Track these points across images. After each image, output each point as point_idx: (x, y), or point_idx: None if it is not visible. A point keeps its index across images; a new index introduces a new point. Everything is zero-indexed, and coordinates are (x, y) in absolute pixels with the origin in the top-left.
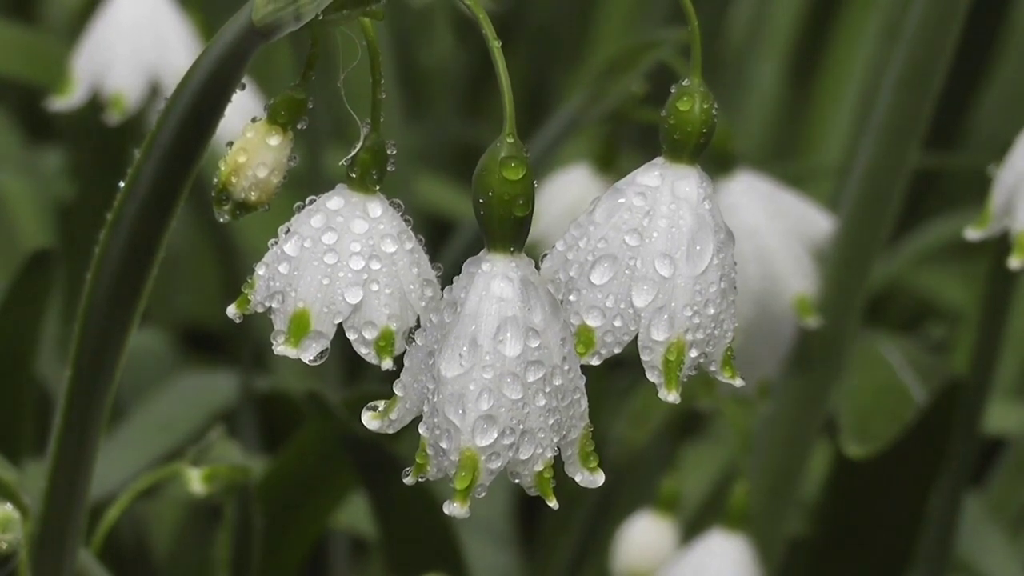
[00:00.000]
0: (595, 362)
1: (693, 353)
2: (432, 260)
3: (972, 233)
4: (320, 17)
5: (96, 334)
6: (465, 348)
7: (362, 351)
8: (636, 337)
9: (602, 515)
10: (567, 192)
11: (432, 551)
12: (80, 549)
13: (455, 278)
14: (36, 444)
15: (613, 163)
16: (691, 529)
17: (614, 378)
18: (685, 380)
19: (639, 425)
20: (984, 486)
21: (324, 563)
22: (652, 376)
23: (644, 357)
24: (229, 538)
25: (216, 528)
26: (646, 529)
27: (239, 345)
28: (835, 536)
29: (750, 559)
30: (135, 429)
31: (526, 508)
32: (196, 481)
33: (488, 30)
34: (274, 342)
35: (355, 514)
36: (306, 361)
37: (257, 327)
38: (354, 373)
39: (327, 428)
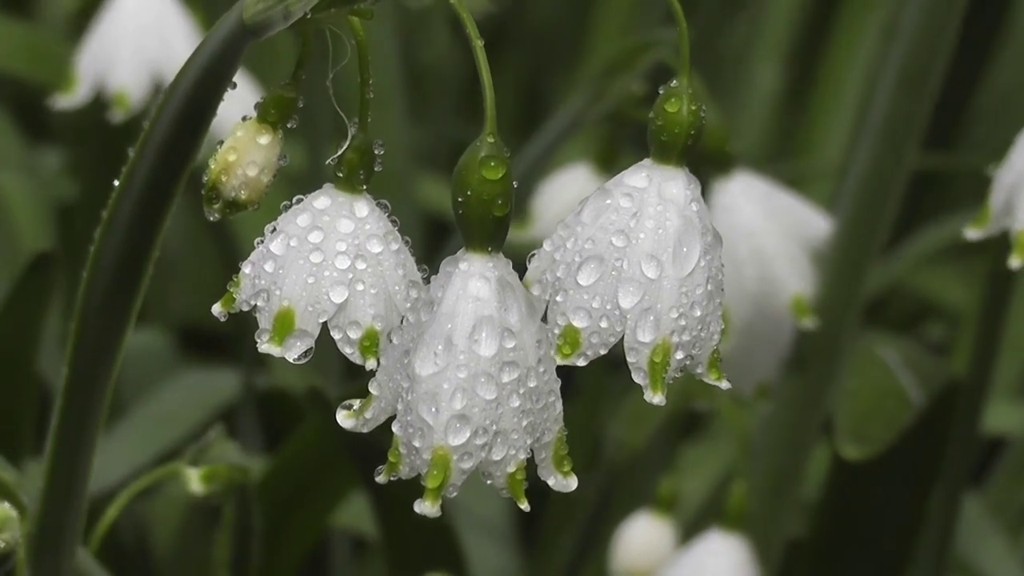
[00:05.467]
0: (581, 363)
1: (679, 355)
2: (431, 260)
3: (972, 233)
4: (309, 15)
5: (93, 333)
6: (440, 347)
7: (346, 351)
8: (622, 338)
9: (601, 515)
10: (567, 192)
11: (432, 550)
12: (79, 548)
13: (432, 277)
14: (36, 443)
15: (613, 163)
16: (690, 529)
17: (613, 378)
18: (672, 382)
19: (638, 425)
20: (983, 487)
21: (324, 563)
22: (638, 378)
23: (630, 359)
24: (229, 538)
25: (216, 528)
26: (645, 529)
27: (239, 345)
28: (834, 537)
29: (749, 559)
30: (135, 425)
31: None
32: (195, 481)
33: (471, 30)
34: (259, 340)
35: (355, 513)
36: (290, 360)
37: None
38: (355, 371)
39: (327, 427)
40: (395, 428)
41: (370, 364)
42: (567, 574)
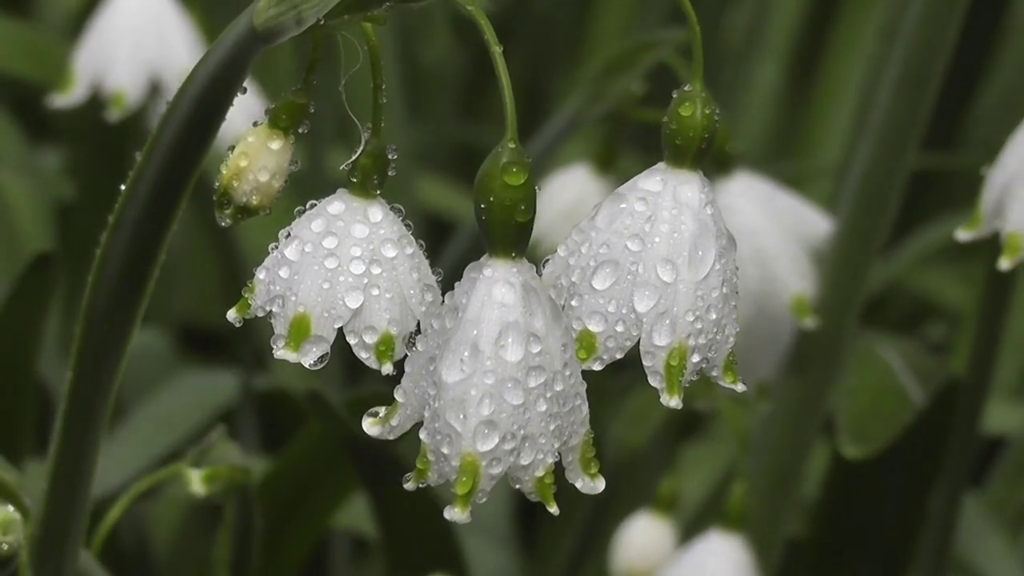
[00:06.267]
0: (597, 367)
1: (695, 358)
2: (432, 260)
3: (963, 234)
4: (321, 22)
5: (97, 336)
6: (466, 353)
7: (362, 356)
8: (638, 342)
9: (601, 515)
10: (566, 192)
11: (432, 551)
12: (81, 550)
13: (456, 283)
14: (37, 445)
15: (612, 163)
16: (690, 529)
17: (614, 379)
18: (687, 385)
19: (638, 425)
20: (983, 486)
21: (325, 563)
22: (654, 381)
23: (646, 362)
24: (229, 538)
25: (216, 529)
26: (645, 529)
27: (240, 345)
28: (834, 537)
29: (748, 560)
30: (136, 427)
31: (526, 508)
32: (196, 482)
33: (490, 36)
34: (274, 346)
35: (355, 514)
36: (306, 365)
37: (258, 327)
38: (355, 374)
39: (328, 428)
40: (423, 435)
41: (386, 368)
42: (567, 574)
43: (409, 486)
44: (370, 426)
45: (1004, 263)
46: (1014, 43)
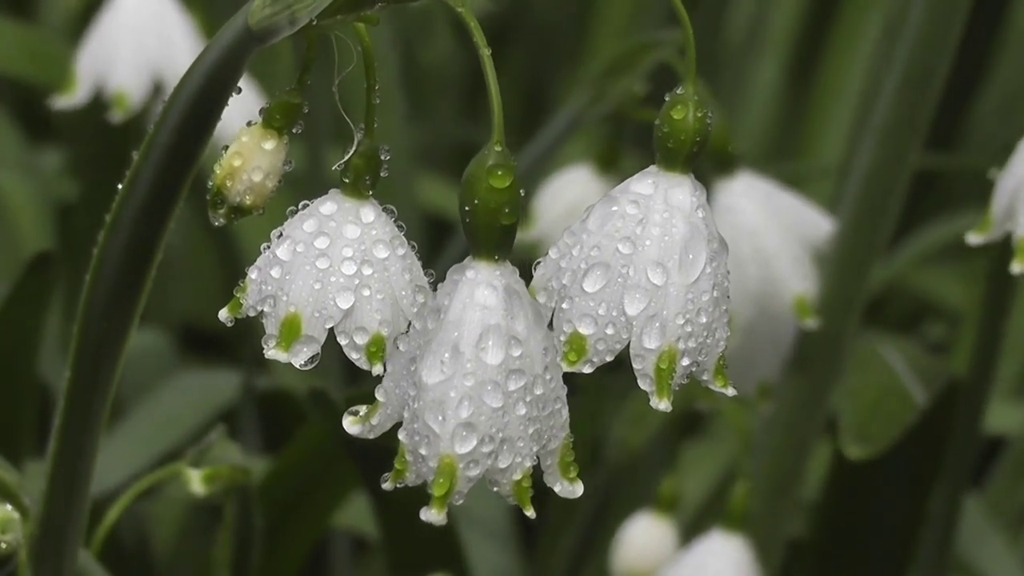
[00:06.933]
0: (587, 370)
1: (685, 362)
2: (431, 261)
3: (974, 238)
4: (315, 22)
5: (95, 335)
6: (447, 355)
7: (353, 356)
8: (628, 345)
9: (602, 515)
10: (568, 192)
11: (432, 551)
12: (80, 550)
13: (440, 284)
14: (37, 444)
15: (614, 163)
16: (691, 530)
17: (613, 379)
18: (677, 388)
19: (638, 426)
20: (984, 486)
21: (325, 563)
22: (644, 384)
23: (636, 365)
24: (229, 538)
25: (217, 528)
26: (646, 529)
27: (239, 345)
28: (835, 537)
29: (750, 560)
30: (136, 427)
31: None
32: (196, 481)
33: (479, 38)
34: (265, 346)
35: (355, 514)
36: (297, 365)
37: (258, 327)
38: (356, 373)
39: (328, 427)
40: (401, 436)
41: (376, 369)
42: (567, 574)
43: (387, 486)
44: (350, 424)
45: (1016, 267)
46: (1014, 43)
